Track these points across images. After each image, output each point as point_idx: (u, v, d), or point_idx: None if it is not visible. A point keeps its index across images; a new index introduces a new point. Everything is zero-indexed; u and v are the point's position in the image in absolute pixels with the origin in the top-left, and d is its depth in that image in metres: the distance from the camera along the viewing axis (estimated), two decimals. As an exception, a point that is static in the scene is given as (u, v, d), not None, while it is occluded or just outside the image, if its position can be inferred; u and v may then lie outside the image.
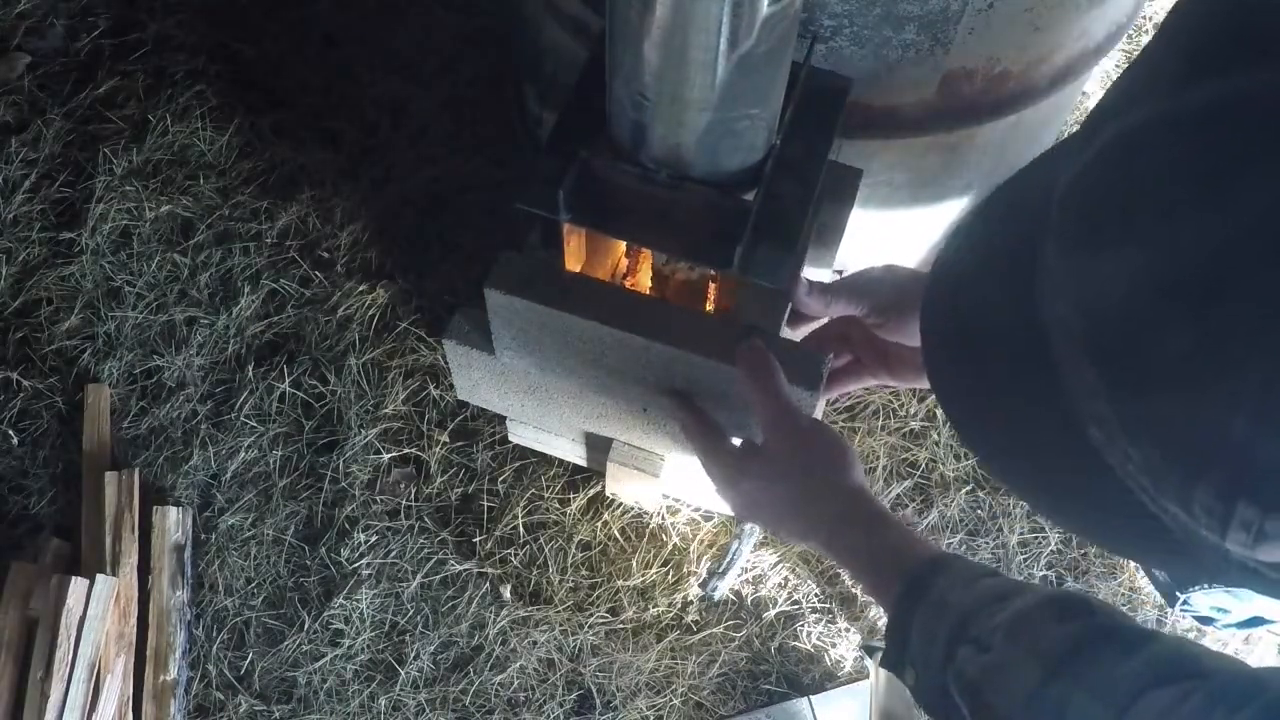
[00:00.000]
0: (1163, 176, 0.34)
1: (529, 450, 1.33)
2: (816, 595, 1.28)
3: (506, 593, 1.27)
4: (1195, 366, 0.32)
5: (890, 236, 1.32)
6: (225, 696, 1.21)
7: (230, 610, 1.25)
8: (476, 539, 1.29)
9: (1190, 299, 0.32)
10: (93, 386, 1.38)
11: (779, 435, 0.83)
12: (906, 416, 1.38)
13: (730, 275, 0.90)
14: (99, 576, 1.18)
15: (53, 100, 1.61)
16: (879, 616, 1.27)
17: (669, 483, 1.21)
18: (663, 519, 1.30)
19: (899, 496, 1.33)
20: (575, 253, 0.99)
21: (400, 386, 1.38)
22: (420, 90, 1.62)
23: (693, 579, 1.27)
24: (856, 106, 1.03)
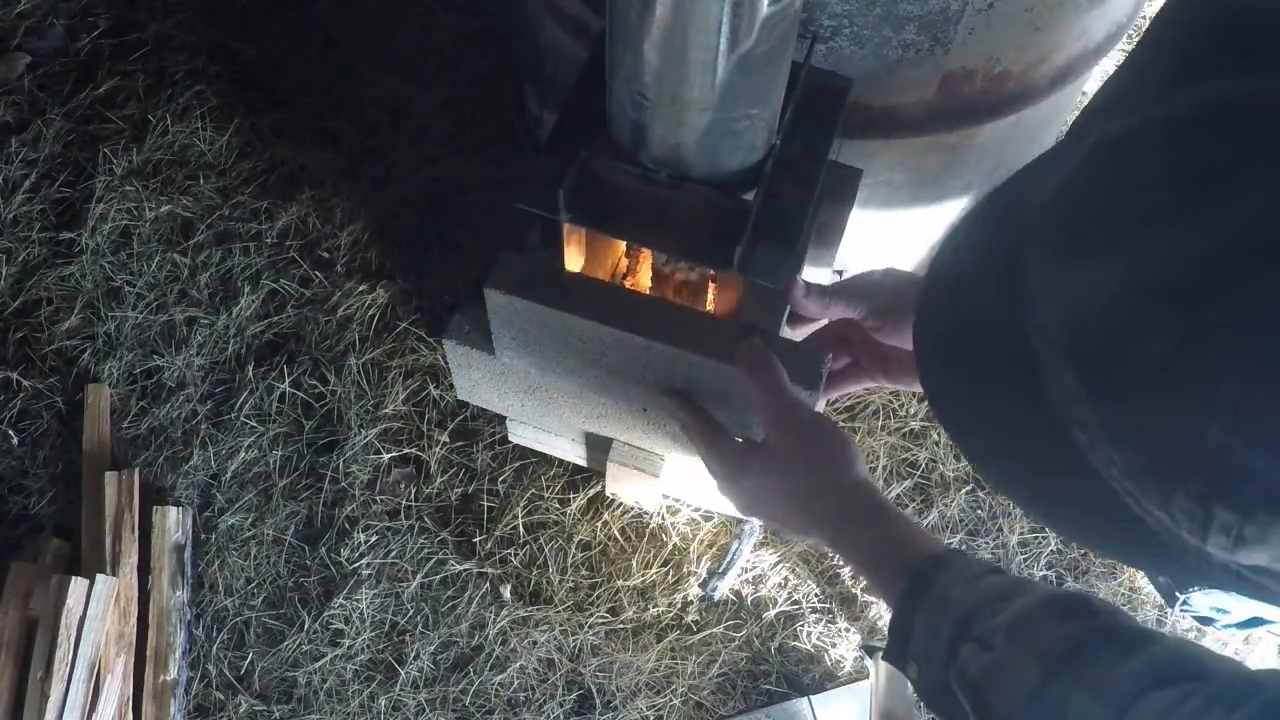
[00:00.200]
0: (1145, 183, 0.34)
1: (529, 450, 1.33)
2: (816, 595, 1.28)
3: (506, 593, 1.27)
4: (1175, 372, 0.32)
5: (890, 237, 1.32)
6: (225, 696, 1.21)
7: (230, 610, 1.26)
8: (476, 539, 1.29)
9: (1171, 305, 0.32)
10: (93, 386, 1.38)
11: (780, 431, 0.83)
12: (906, 416, 1.38)
13: (730, 275, 0.90)
14: (99, 576, 1.18)
15: (53, 100, 1.61)
16: (879, 616, 1.27)
17: (669, 483, 1.21)
18: (663, 519, 1.30)
19: (899, 496, 1.33)
20: (575, 253, 0.99)
21: (400, 386, 1.38)
22: (420, 90, 1.62)
23: (693, 579, 1.27)
24: (856, 106, 1.03)
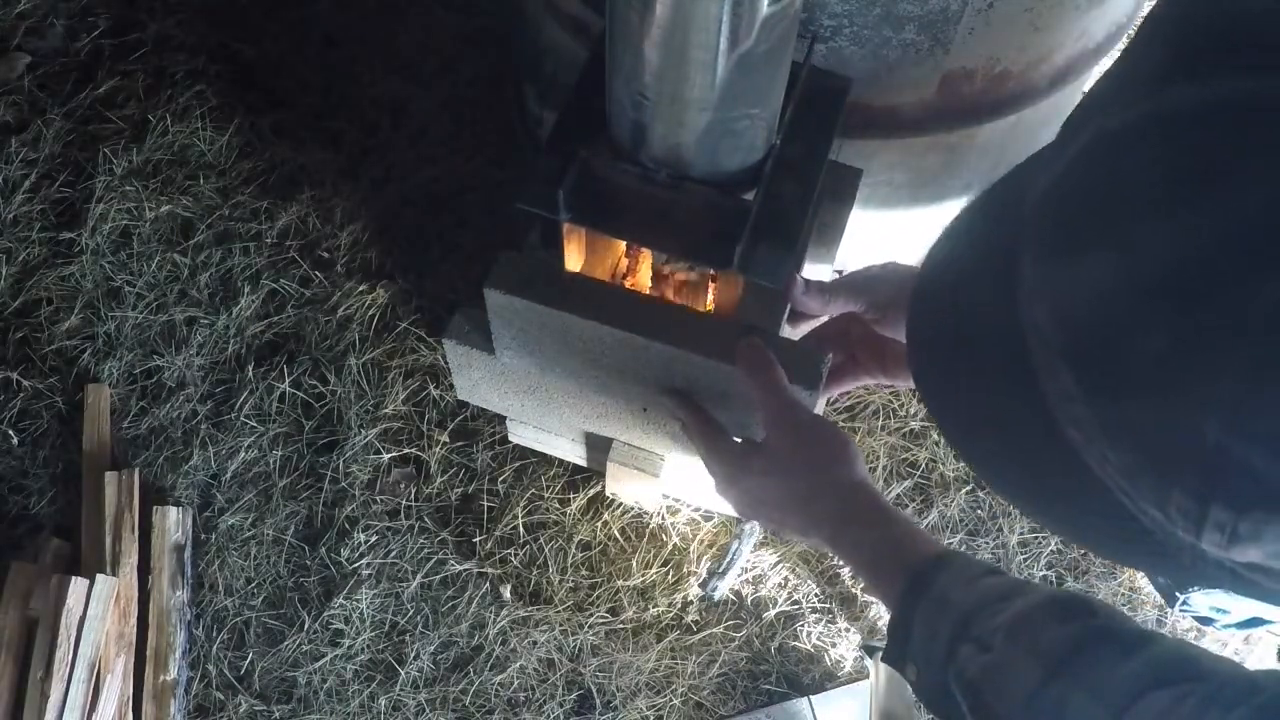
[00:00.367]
0: (1139, 180, 0.34)
1: (529, 450, 1.33)
2: (816, 595, 1.28)
3: (506, 593, 1.27)
4: (1170, 371, 0.32)
5: (890, 236, 1.32)
6: (225, 696, 1.21)
7: (230, 610, 1.26)
8: (476, 539, 1.29)
9: (1165, 303, 0.32)
10: (93, 386, 1.38)
11: (780, 431, 0.83)
12: (906, 416, 1.38)
13: (730, 275, 0.90)
14: (99, 576, 1.18)
15: (53, 100, 1.61)
16: (879, 616, 1.27)
17: (669, 483, 1.21)
18: (663, 519, 1.30)
19: (899, 496, 1.33)
20: (575, 252, 0.99)
21: (400, 386, 1.38)
22: (420, 90, 1.62)
23: (693, 579, 1.27)
24: (856, 106, 1.03)
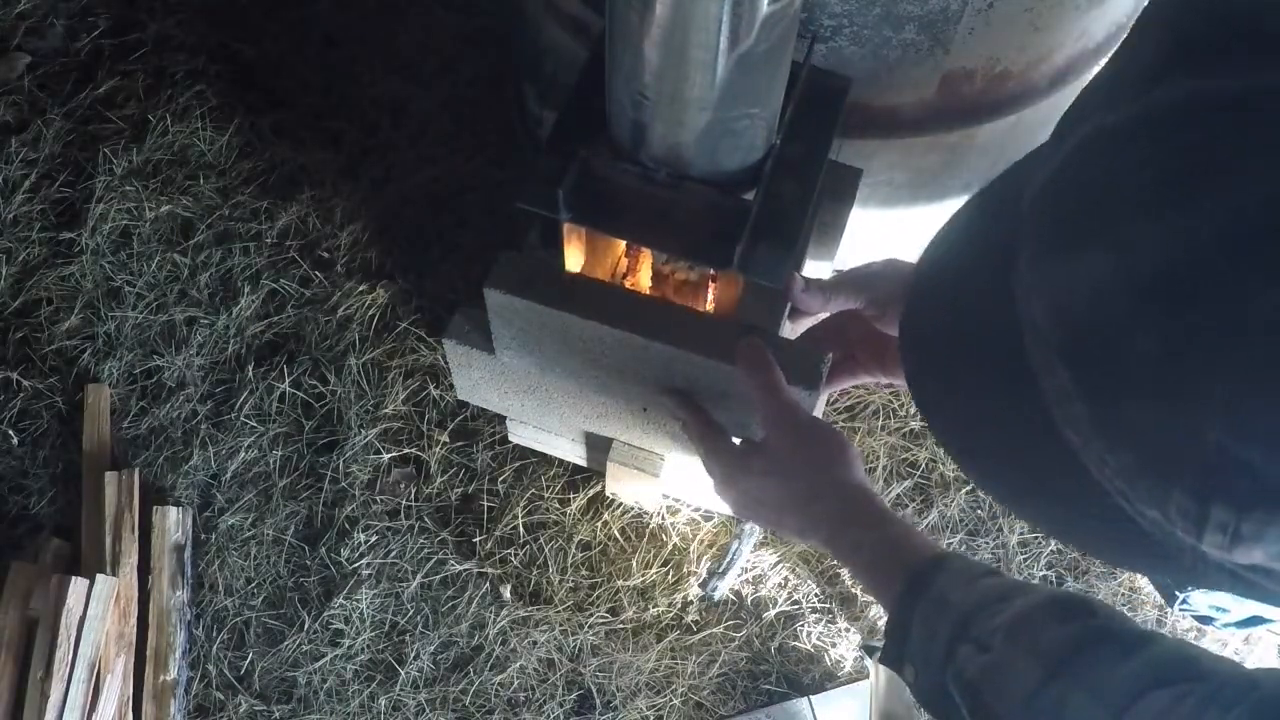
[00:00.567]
0: (1131, 179, 0.34)
1: (529, 450, 1.33)
2: (816, 595, 1.28)
3: (506, 593, 1.27)
4: (1167, 370, 0.32)
5: (891, 236, 1.32)
6: (225, 696, 1.21)
7: (230, 610, 1.25)
8: (476, 539, 1.29)
9: (1161, 302, 0.32)
10: (93, 386, 1.38)
11: (779, 432, 0.83)
12: (906, 416, 1.38)
13: (730, 274, 0.90)
14: (99, 576, 1.18)
15: (53, 100, 1.61)
16: (879, 616, 1.27)
17: (669, 483, 1.21)
18: (663, 519, 1.30)
19: (899, 496, 1.33)
20: (575, 252, 0.99)
21: (400, 386, 1.38)
22: (420, 90, 1.62)
23: (693, 579, 1.27)
24: (856, 106, 1.03)
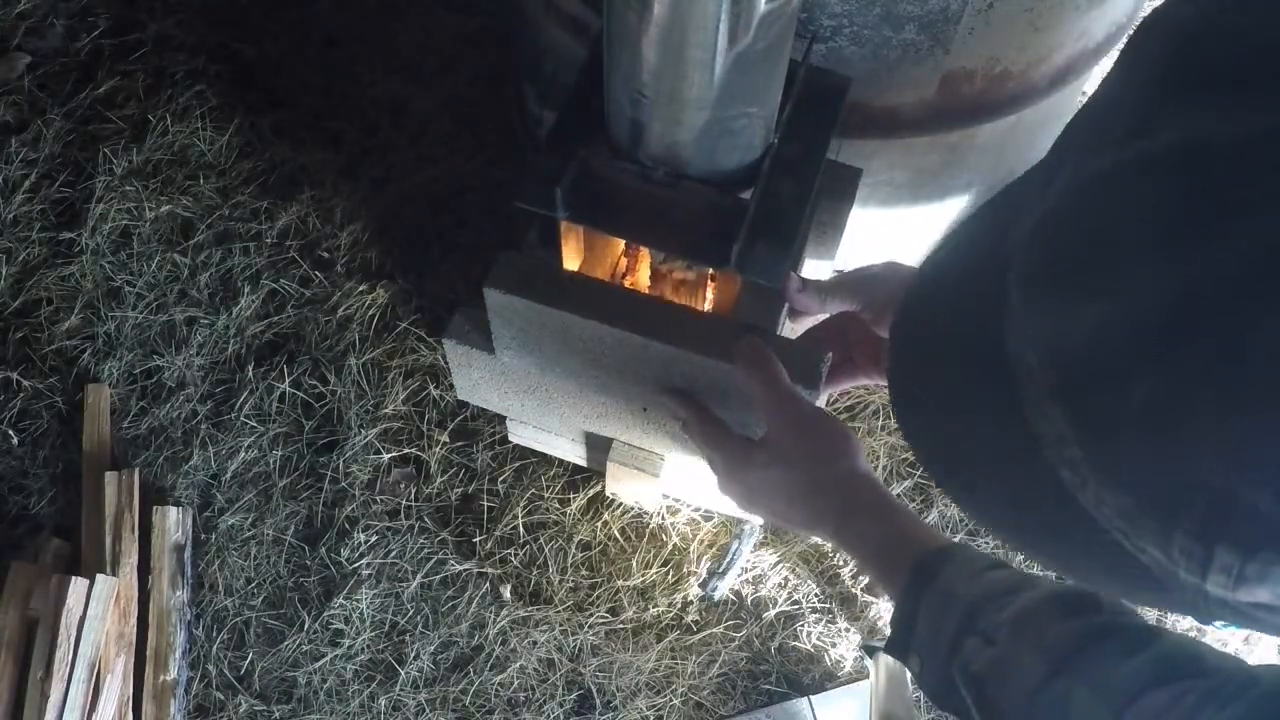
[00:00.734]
0: (1132, 223, 0.33)
1: (529, 450, 1.33)
2: (816, 595, 1.28)
3: (506, 593, 1.27)
4: (1165, 412, 0.32)
5: (891, 236, 1.32)
6: (225, 696, 1.21)
7: (230, 610, 1.25)
8: (476, 539, 1.29)
9: (1163, 344, 0.32)
10: (93, 386, 1.38)
11: (782, 424, 0.83)
12: (907, 416, 1.38)
13: (728, 273, 0.90)
14: (99, 576, 1.18)
15: (53, 100, 1.61)
16: (879, 616, 1.27)
17: (669, 483, 1.21)
18: (663, 519, 1.30)
19: (899, 497, 1.33)
20: (574, 251, 0.99)
21: (400, 386, 1.38)
22: (420, 90, 1.62)
23: (693, 579, 1.27)
24: (856, 106, 1.03)
